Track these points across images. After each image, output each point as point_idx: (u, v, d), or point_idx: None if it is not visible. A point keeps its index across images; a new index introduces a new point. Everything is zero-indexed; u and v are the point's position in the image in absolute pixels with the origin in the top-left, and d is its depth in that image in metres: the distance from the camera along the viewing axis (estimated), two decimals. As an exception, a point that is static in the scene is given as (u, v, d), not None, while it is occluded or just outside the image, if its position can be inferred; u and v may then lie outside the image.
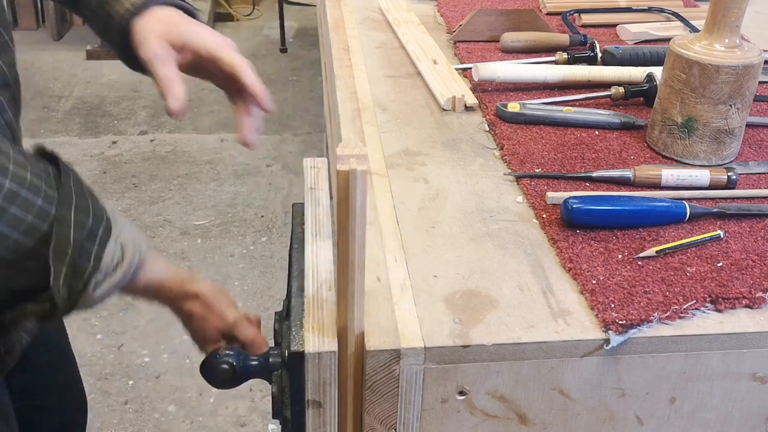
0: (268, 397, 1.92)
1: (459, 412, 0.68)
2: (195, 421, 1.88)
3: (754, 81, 0.88)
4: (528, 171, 0.89)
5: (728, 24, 0.86)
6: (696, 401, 0.70)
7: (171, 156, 3.01)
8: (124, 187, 2.80)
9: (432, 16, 1.39)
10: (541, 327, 0.66)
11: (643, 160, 0.92)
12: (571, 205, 0.77)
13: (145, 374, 2.01)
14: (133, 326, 2.17)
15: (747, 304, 0.69)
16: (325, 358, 0.64)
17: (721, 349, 0.67)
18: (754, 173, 0.90)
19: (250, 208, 2.69)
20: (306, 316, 0.67)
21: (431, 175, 0.88)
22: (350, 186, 0.56)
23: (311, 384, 0.65)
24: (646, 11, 1.40)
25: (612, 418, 0.70)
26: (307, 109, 3.36)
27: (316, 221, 0.79)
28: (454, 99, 1.03)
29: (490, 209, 0.82)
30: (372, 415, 0.67)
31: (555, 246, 0.76)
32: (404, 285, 0.71)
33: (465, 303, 0.69)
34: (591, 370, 0.67)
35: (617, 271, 0.72)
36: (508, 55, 1.20)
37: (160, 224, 2.61)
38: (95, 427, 1.86)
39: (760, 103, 1.07)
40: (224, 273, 2.38)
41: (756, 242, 0.77)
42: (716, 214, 0.81)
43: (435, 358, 0.64)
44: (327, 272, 0.72)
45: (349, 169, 0.56)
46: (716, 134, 0.89)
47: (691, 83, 0.88)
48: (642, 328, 0.66)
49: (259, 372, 0.71)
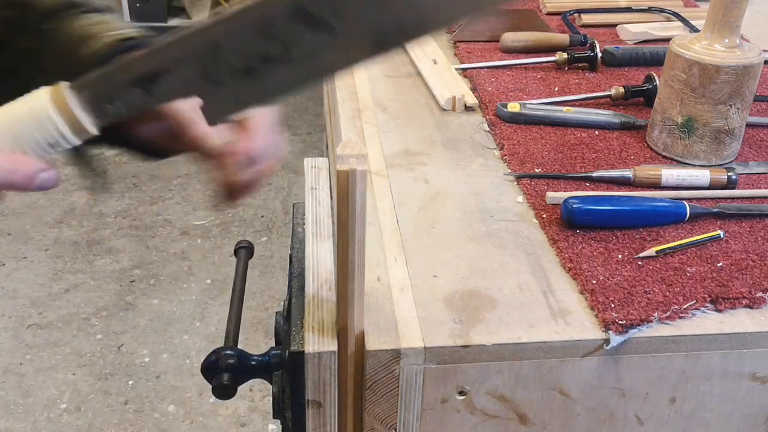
0: (268, 397, 1.92)
1: (459, 412, 0.68)
2: (195, 421, 1.88)
3: (754, 81, 0.88)
4: (528, 171, 0.89)
5: (728, 24, 0.86)
6: (696, 401, 0.70)
7: (171, 156, 3.01)
8: (124, 187, 2.80)
9: (432, 16, 1.39)
10: (541, 327, 0.66)
11: (643, 160, 0.92)
12: (571, 205, 0.77)
13: (145, 374, 2.01)
14: (133, 326, 2.17)
15: (747, 304, 0.69)
16: (325, 358, 0.64)
17: (721, 349, 0.67)
18: (754, 173, 0.90)
19: (250, 208, 2.69)
20: (306, 316, 0.67)
21: (431, 175, 0.88)
22: (350, 186, 0.56)
23: (311, 384, 0.65)
24: (646, 11, 1.40)
25: (612, 418, 0.70)
26: (306, 109, 3.36)
27: (317, 221, 0.79)
28: (454, 99, 1.03)
29: (490, 209, 0.82)
30: (372, 415, 0.67)
31: (555, 246, 0.76)
32: (404, 285, 0.71)
33: (465, 303, 0.69)
34: (591, 370, 0.67)
35: (617, 271, 0.72)
36: (508, 55, 1.20)
37: (160, 224, 2.61)
38: (95, 427, 1.86)
39: (760, 103, 1.07)
40: (224, 273, 2.38)
41: (756, 242, 0.77)
42: (716, 214, 0.81)
43: (435, 358, 0.64)
44: (327, 272, 0.72)
45: (349, 169, 0.56)
46: (716, 134, 0.89)
47: (691, 83, 0.88)
48: (642, 328, 0.66)
49: (259, 372, 0.71)
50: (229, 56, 0.48)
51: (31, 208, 2.69)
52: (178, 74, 0.48)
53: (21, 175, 0.49)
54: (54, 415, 1.89)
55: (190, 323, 2.19)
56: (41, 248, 2.49)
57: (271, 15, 0.47)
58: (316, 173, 0.87)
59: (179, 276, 2.37)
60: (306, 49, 0.48)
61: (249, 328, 2.15)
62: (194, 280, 2.35)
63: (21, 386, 1.97)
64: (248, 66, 0.48)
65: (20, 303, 2.25)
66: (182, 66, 0.48)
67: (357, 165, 0.56)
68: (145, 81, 0.48)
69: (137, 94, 0.48)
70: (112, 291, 2.30)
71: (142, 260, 2.44)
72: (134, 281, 2.35)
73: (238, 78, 0.49)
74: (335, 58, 0.49)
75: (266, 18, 0.47)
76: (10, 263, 2.42)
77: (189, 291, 2.31)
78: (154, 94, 0.49)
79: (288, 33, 0.47)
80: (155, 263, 2.42)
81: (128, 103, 0.48)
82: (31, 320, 2.19)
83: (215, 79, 0.49)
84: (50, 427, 1.85)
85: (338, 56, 0.49)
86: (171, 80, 0.48)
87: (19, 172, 0.49)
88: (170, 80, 0.48)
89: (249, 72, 0.48)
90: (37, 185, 0.50)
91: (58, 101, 0.47)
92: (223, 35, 0.48)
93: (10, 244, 2.51)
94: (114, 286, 2.32)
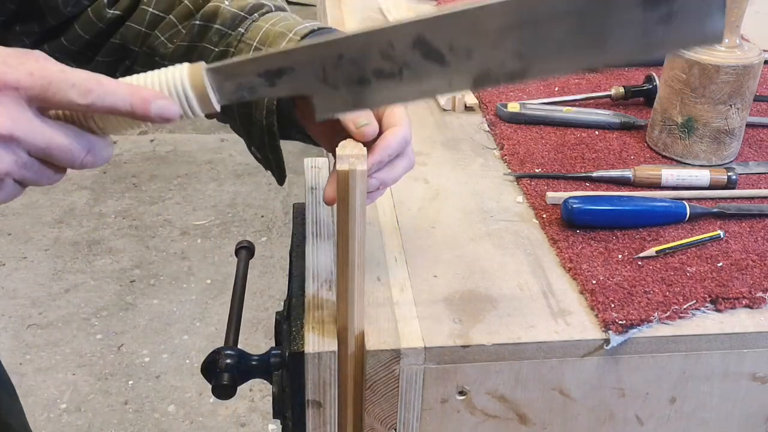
0: (268, 397, 1.92)
1: (459, 412, 0.68)
2: (195, 421, 1.88)
3: (754, 81, 0.88)
4: (528, 171, 0.89)
5: (728, 24, 0.86)
6: (696, 401, 0.70)
7: (171, 156, 3.01)
8: (124, 187, 2.80)
9: (432, 16, 1.39)
10: (541, 327, 0.66)
11: (643, 160, 0.92)
12: (571, 205, 0.77)
13: (145, 374, 2.01)
14: (133, 326, 2.17)
15: (747, 304, 0.69)
16: (325, 358, 0.64)
17: (721, 349, 0.67)
18: (754, 173, 0.90)
19: (250, 208, 2.69)
20: (306, 316, 0.67)
21: (431, 175, 0.88)
22: (350, 186, 0.56)
23: (311, 384, 0.65)
24: (646, 11, 1.40)
25: (612, 418, 0.70)
26: (307, 109, 3.36)
27: (317, 221, 0.79)
28: (454, 99, 1.03)
29: (490, 209, 0.82)
30: (372, 415, 0.67)
31: (555, 246, 0.76)
32: (404, 285, 0.71)
33: (465, 303, 0.69)
34: (591, 370, 0.67)
35: (617, 271, 0.72)
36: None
37: (160, 224, 2.61)
38: (95, 427, 1.86)
39: (760, 103, 1.07)
40: (224, 273, 2.38)
41: (756, 242, 0.77)
42: (716, 214, 0.81)
43: (435, 358, 0.64)
44: (327, 272, 0.72)
45: (349, 169, 0.56)
46: (716, 134, 0.89)
47: (691, 83, 0.88)
48: (642, 328, 0.66)
49: (259, 372, 0.71)
50: (349, 66, 0.55)
51: (31, 208, 2.69)
52: (300, 74, 0.55)
53: (139, 98, 0.51)
54: (54, 415, 1.89)
55: (190, 323, 2.19)
56: (41, 248, 2.49)
57: (395, 39, 0.53)
58: (316, 173, 0.87)
59: (179, 276, 2.37)
60: (416, 72, 0.54)
61: (249, 328, 2.15)
62: (194, 280, 2.35)
63: (21, 386, 1.96)
64: (363, 77, 0.55)
65: (20, 303, 2.25)
66: (306, 68, 0.55)
67: (357, 165, 0.56)
68: (272, 75, 0.55)
69: (261, 84, 0.55)
70: (112, 291, 2.30)
71: (142, 260, 2.44)
72: (134, 281, 2.35)
73: (351, 85, 0.55)
74: (439, 85, 0.55)
75: (389, 41, 0.53)
76: (10, 263, 2.42)
77: (189, 291, 2.31)
78: (275, 87, 0.55)
79: (405, 57, 0.54)
80: (155, 263, 2.42)
81: (251, 90, 0.55)
82: (31, 320, 2.19)
83: (332, 83, 0.55)
84: (50, 427, 1.85)
85: (442, 83, 0.55)
86: (293, 78, 0.55)
87: (137, 95, 0.51)
88: (293, 78, 0.55)
89: (362, 82, 0.55)
90: (156, 112, 0.52)
91: (193, 77, 0.54)
92: (348, 48, 0.54)
93: (10, 244, 2.51)
94: (114, 286, 2.32)
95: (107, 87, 0.50)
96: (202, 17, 0.71)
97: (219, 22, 0.70)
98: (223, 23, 0.70)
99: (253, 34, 0.69)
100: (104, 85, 0.50)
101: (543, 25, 0.52)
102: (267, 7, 0.72)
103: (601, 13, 0.51)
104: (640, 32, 0.52)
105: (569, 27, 0.52)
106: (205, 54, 0.71)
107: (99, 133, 0.53)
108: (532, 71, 0.54)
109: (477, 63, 0.54)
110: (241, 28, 0.70)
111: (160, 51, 0.72)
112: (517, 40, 0.52)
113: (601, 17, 0.51)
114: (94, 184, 2.82)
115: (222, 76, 0.54)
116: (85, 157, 0.52)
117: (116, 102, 0.51)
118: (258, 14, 0.71)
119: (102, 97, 0.50)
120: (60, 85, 0.49)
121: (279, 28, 0.68)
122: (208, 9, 0.71)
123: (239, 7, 0.71)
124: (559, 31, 0.52)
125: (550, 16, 0.51)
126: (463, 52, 0.53)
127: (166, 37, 0.72)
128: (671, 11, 0.51)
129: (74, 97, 0.49)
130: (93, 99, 0.50)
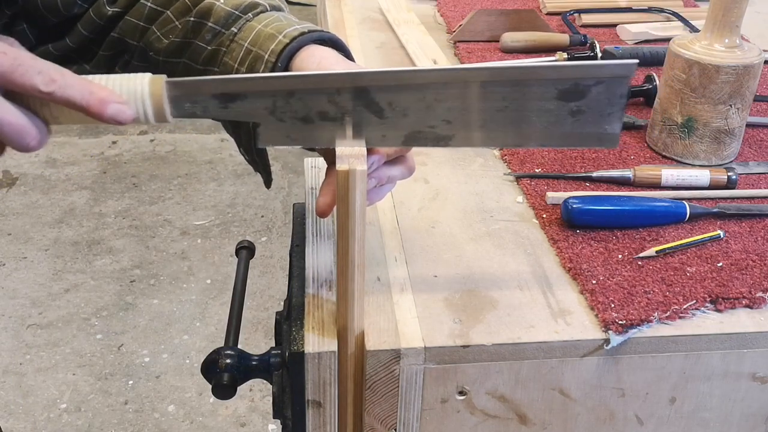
0: (268, 397, 1.92)
1: (459, 412, 0.68)
2: (195, 421, 1.88)
3: (754, 81, 0.88)
4: (528, 171, 0.89)
5: (728, 24, 0.86)
6: (696, 401, 0.70)
7: (171, 156, 3.01)
8: (124, 187, 2.80)
9: (432, 16, 1.39)
10: (541, 327, 0.66)
11: (643, 160, 0.92)
12: (571, 205, 0.77)
13: (145, 374, 2.01)
14: (133, 326, 2.17)
15: (747, 304, 0.69)
16: (325, 358, 0.64)
17: (721, 349, 0.67)
18: (754, 173, 0.90)
19: (250, 208, 2.70)
20: (306, 316, 0.67)
21: (431, 175, 0.88)
22: (350, 186, 0.56)
23: (311, 384, 0.65)
24: (646, 11, 1.40)
25: (612, 418, 0.70)
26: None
27: (317, 221, 0.79)
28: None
29: (490, 209, 0.82)
30: (372, 415, 0.67)
31: (555, 246, 0.76)
32: (404, 285, 0.71)
33: (465, 303, 0.69)
34: (591, 370, 0.67)
35: (617, 271, 0.72)
36: (508, 55, 1.20)
37: (160, 224, 2.61)
38: (95, 427, 1.86)
39: (760, 103, 1.07)
40: (224, 273, 2.38)
41: (756, 242, 0.77)
42: (716, 214, 0.81)
43: (435, 358, 0.64)
44: (327, 272, 0.72)
45: (349, 169, 0.56)
46: (716, 134, 0.89)
47: (691, 83, 0.88)
48: (642, 328, 0.66)
49: (259, 372, 0.71)
50: (297, 103, 0.58)
51: (31, 208, 2.69)
52: (252, 102, 0.58)
53: (96, 99, 0.53)
54: (54, 415, 1.89)
55: (190, 323, 2.19)
56: (41, 248, 2.49)
57: (342, 87, 0.58)
58: (316, 173, 0.87)
59: (179, 276, 2.37)
60: (356, 120, 0.59)
61: (249, 328, 2.15)
62: (194, 280, 2.36)
63: (21, 386, 1.97)
64: (308, 116, 0.59)
65: (20, 303, 2.25)
66: (259, 97, 0.58)
67: (357, 165, 0.56)
68: (226, 98, 0.58)
69: (215, 105, 0.58)
70: (112, 291, 2.31)
71: (142, 260, 2.44)
72: (134, 281, 2.35)
73: (296, 122, 0.59)
74: (374, 136, 0.60)
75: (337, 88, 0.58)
76: (10, 263, 2.42)
77: (189, 291, 2.31)
78: (227, 109, 0.59)
79: (348, 104, 0.58)
80: (155, 263, 2.42)
81: (204, 110, 0.58)
82: (31, 320, 2.19)
83: (279, 116, 0.59)
84: (50, 427, 1.85)
85: (376, 135, 0.60)
86: (245, 104, 0.58)
87: (96, 95, 0.53)
88: (245, 104, 0.58)
89: (306, 120, 0.59)
90: (110, 114, 0.54)
91: (154, 87, 0.56)
92: (300, 87, 0.58)
93: (10, 244, 2.51)
94: (114, 286, 2.32)
95: (69, 81, 0.53)
96: (196, 13, 0.71)
97: (213, 20, 0.70)
98: (217, 21, 0.70)
99: (245, 35, 0.70)
100: (67, 78, 0.53)
101: (473, 101, 0.58)
102: (262, 7, 0.72)
103: (523, 99, 0.58)
104: (553, 120, 0.58)
105: (494, 106, 0.58)
106: (196, 52, 0.71)
107: (51, 121, 0.55)
108: (456, 139, 0.60)
109: (411, 122, 0.59)
110: (234, 28, 0.70)
111: (155, 46, 0.73)
112: (448, 109, 0.58)
113: (523, 102, 0.58)
114: (94, 184, 2.82)
115: (180, 91, 0.57)
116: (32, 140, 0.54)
117: (74, 96, 0.53)
118: (252, 14, 0.71)
119: (63, 89, 0.52)
120: (28, 69, 0.51)
121: (270, 30, 0.69)
122: (203, 5, 0.71)
123: (234, 5, 0.71)
124: (485, 108, 0.58)
125: (479, 95, 0.58)
126: (401, 111, 0.58)
127: (162, 33, 0.73)
128: (580, 107, 0.58)
129: (38, 83, 0.52)
130: (54, 88, 0.52)
